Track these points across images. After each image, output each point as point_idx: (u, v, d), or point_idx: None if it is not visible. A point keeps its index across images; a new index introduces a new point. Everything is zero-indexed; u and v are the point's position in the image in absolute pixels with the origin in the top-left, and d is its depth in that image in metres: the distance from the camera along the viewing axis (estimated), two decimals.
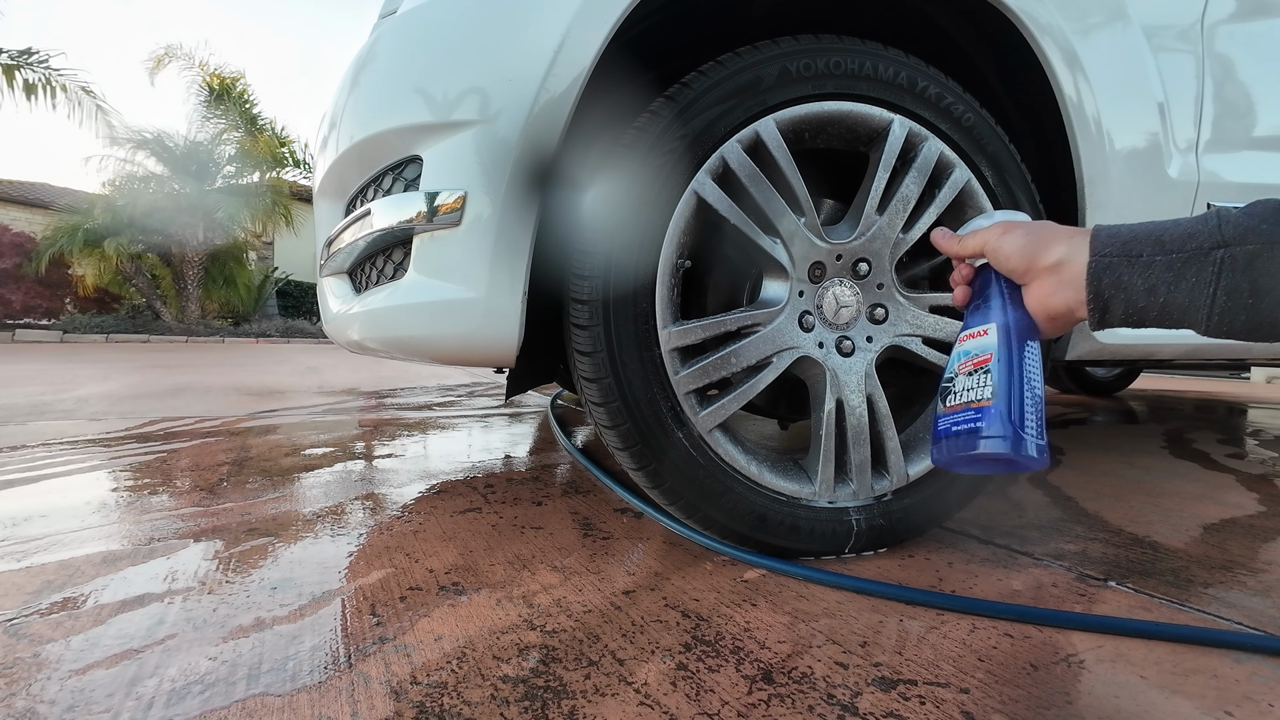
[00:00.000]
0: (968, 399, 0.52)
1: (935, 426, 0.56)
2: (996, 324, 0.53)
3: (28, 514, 0.99)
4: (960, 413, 0.53)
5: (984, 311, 0.55)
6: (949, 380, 0.55)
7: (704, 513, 0.80)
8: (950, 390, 0.55)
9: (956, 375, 0.54)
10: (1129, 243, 0.47)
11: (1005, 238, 0.54)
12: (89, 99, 8.90)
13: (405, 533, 0.92)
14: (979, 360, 0.53)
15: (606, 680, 0.55)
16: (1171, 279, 0.45)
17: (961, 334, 0.56)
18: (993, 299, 0.55)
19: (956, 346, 0.56)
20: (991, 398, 0.51)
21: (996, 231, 0.55)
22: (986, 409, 0.51)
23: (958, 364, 0.55)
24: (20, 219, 11.27)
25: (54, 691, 0.52)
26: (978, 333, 0.54)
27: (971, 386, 0.52)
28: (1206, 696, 0.54)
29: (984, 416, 0.51)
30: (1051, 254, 0.51)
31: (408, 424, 1.94)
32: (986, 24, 0.89)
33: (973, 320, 0.56)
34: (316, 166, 1.05)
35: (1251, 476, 1.43)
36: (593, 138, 0.83)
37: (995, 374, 0.51)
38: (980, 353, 0.53)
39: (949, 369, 0.56)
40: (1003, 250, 0.54)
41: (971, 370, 0.53)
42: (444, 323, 0.77)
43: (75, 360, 4.62)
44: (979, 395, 0.52)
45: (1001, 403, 0.50)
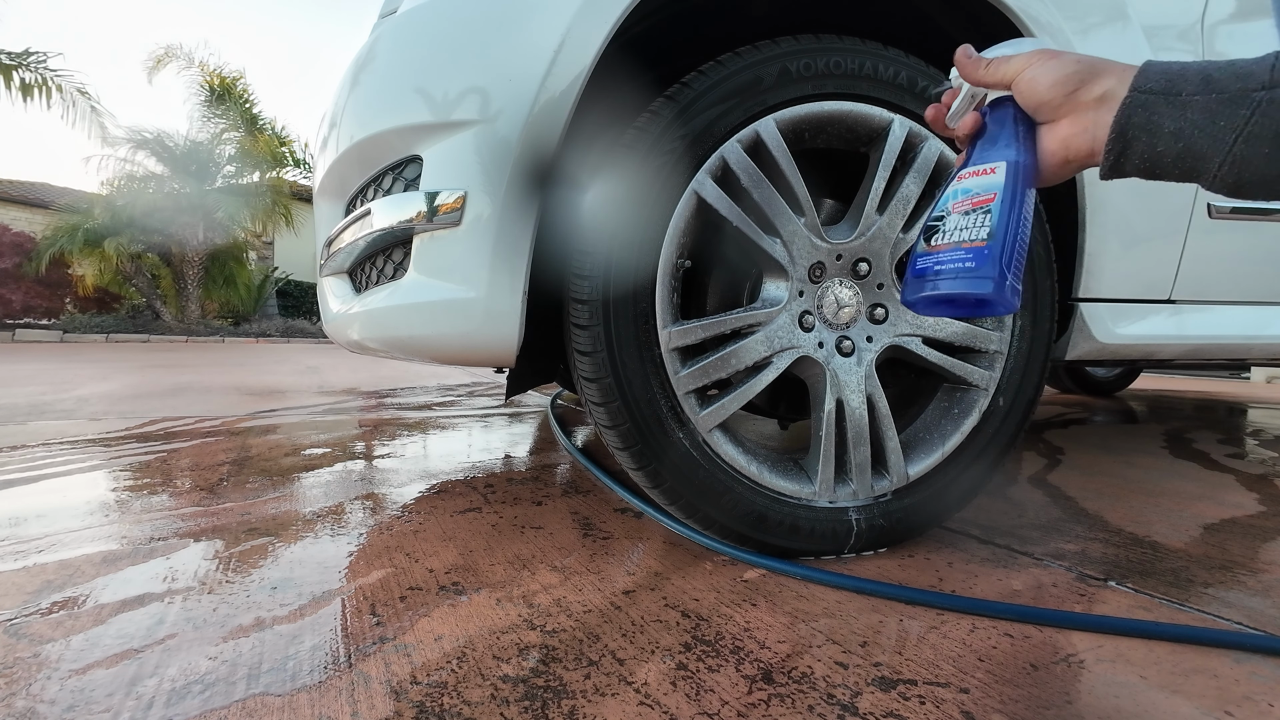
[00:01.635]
0: (959, 238, 0.50)
1: (913, 265, 0.53)
2: (1007, 162, 0.50)
3: (28, 514, 0.99)
4: (948, 251, 0.50)
5: (994, 147, 0.51)
6: (938, 219, 0.52)
7: (704, 512, 0.80)
8: (939, 229, 0.52)
9: (949, 213, 0.51)
10: (1175, 79, 0.44)
11: (1050, 63, 0.48)
12: (84, 100, 8.90)
13: (405, 532, 0.92)
14: (979, 199, 0.50)
15: (606, 680, 0.55)
16: (1202, 121, 0.42)
17: (961, 170, 0.53)
18: (1006, 134, 0.51)
19: (954, 183, 0.53)
20: (988, 239, 0.48)
21: (1040, 57, 0.49)
22: (979, 249, 0.49)
23: (952, 202, 0.52)
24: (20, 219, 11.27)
25: (54, 691, 0.52)
26: (983, 170, 0.51)
27: (966, 226, 0.50)
28: (1206, 696, 0.54)
29: (975, 257, 0.49)
30: (1098, 86, 0.46)
31: (408, 424, 1.94)
32: (987, 23, 0.89)
33: (979, 156, 0.52)
34: (316, 166, 1.05)
35: (1251, 476, 1.43)
36: (593, 138, 0.83)
37: (996, 215, 0.49)
38: (982, 191, 0.50)
39: (940, 205, 0.53)
40: (1043, 79, 0.48)
41: (969, 209, 0.50)
42: (444, 323, 0.77)
43: (75, 360, 4.62)
44: (973, 235, 0.49)
45: (997, 244, 0.48)
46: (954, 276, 0.49)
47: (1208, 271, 1.03)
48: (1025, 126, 0.51)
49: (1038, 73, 0.49)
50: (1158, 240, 0.99)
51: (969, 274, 0.49)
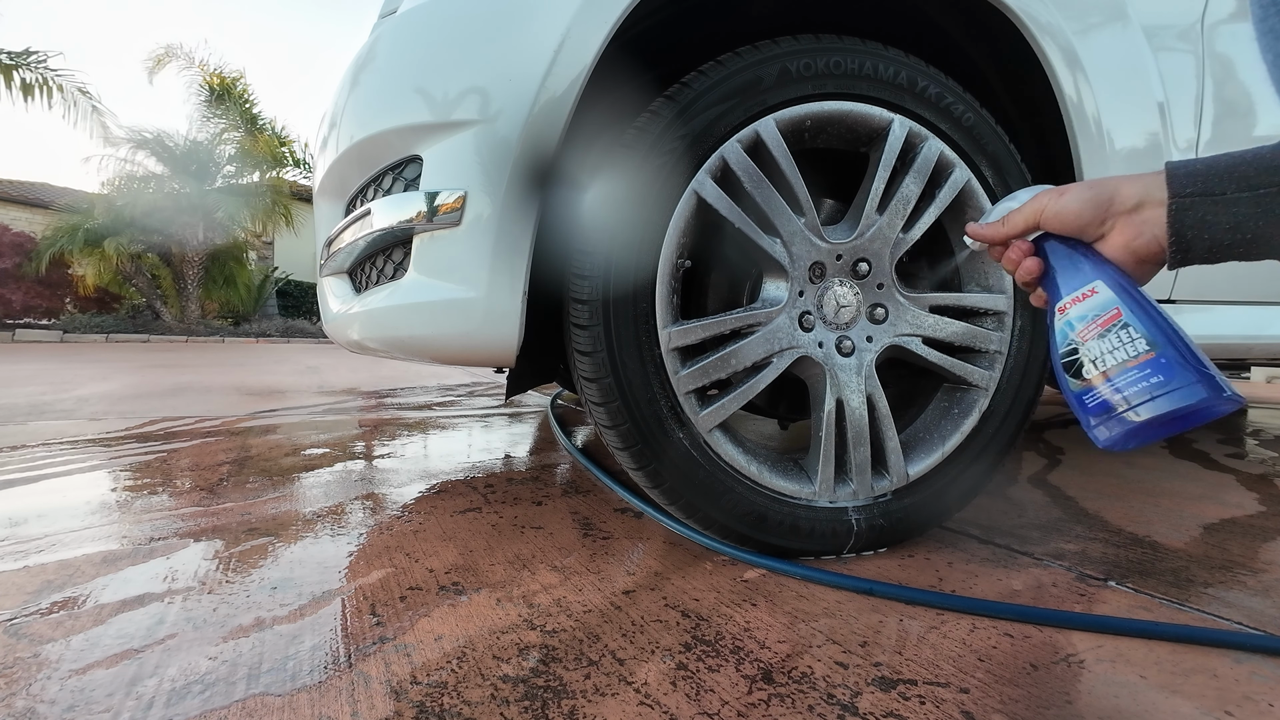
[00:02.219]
0: (1118, 360, 0.46)
1: (1083, 407, 0.49)
2: (1101, 280, 0.49)
3: (28, 514, 0.99)
4: (1121, 375, 0.46)
5: (1073, 274, 0.50)
6: (1071, 352, 0.49)
7: (704, 512, 0.80)
8: (1080, 361, 0.49)
9: (1082, 343, 0.48)
10: (1208, 180, 0.46)
11: (1065, 198, 0.51)
12: (85, 99, 8.90)
13: (405, 532, 0.92)
14: (1105, 320, 0.48)
15: (606, 680, 0.55)
16: (1258, 214, 0.44)
17: (1059, 304, 0.51)
18: (1076, 259, 0.51)
19: (1059, 318, 0.51)
20: (1151, 348, 0.45)
21: (1052, 196, 0.52)
22: (1154, 360, 0.45)
23: (1074, 332, 0.49)
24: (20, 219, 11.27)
25: (54, 691, 0.52)
26: (1082, 295, 0.49)
27: (1115, 347, 0.47)
28: (1206, 696, 0.54)
29: (1157, 369, 0.45)
30: (1127, 198, 0.49)
31: (408, 424, 1.94)
32: (987, 24, 0.89)
33: (1065, 286, 0.51)
34: (316, 166, 1.05)
35: (1251, 476, 1.43)
36: (593, 138, 0.83)
37: (1138, 324, 0.46)
38: (1101, 312, 0.48)
39: (1063, 340, 0.50)
40: (1069, 209, 0.51)
41: (1102, 332, 0.47)
42: (444, 322, 0.77)
43: (75, 360, 4.61)
44: (1133, 352, 0.46)
45: (1168, 349, 0.45)
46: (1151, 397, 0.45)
47: (1208, 271, 1.02)
48: (1084, 247, 0.51)
49: (1059, 206, 0.51)
50: None
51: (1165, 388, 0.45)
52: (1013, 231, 0.55)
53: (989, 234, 0.57)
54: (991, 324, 0.89)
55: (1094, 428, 0.50)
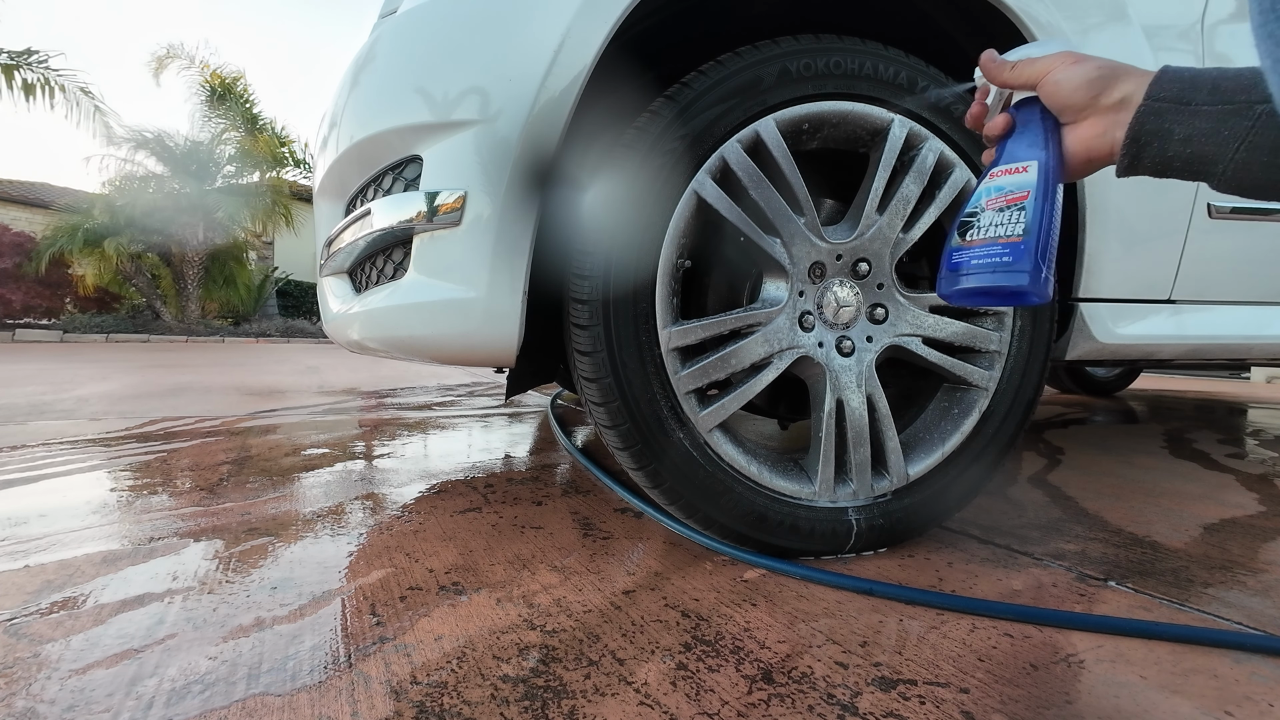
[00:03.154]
0: (995, 234, 0.52)
1: (948, 259, 0.56)
2: (1038, 161, 0.52)
3: (28, 514, 0.99)
4: (984, 246, 0.53)
5: (1024, 146, 0.54)
6: (971, 214, 0.55)
7: (704, 512, 0.80)
8: (973, 225, 0.55)
9: (983, 210, 0.54)
10: (1187, 87, 0.46)
11: (1074, 68, 0.51)
12: (87, 99, 8.90)
13: (405, 532, 0.92)
14: (1013, 196, 0.52)
15: (606, 680, 0.55)
16: (1209, 129, 0.44)
17: (993, 169, 0.55)
18: (1034, 134, 0.54)
19: (986, 181, 0.55)
20: (1023, 234, 0.51)
21: (1064, 60, 0.52)
22: (1016, 245, 0.51)
23: (986, 199, 0.54)
24: (20, 219, 11.27)
25: (54, 691, 0.52)
26: (1015, 169, 0.53)
27: (1001, 222, 0.52)
28: (1206, 696, 0.54)
29: (1011, 251, 0.51)
30: (1117, 91, 0.49)
31: (408, 424, 1.94)
32: (987, 24, 0.89)
33: (1010, 154, 0.54)
34: (316, 166, 1.05)
35: (1251, 476, 1.43)
36: (593, 138, 0.83)
37: (1030, 211, 0.51)
38: (1015, 189, 0.53)
39: (973, 203, 0.56)
40: (1069, 82, 0.51)
41: (1003, 206, 0.53)
42: (444, 322, 0.77)
43: (75, 360, 4.61)
44: (1009, 231, 0.52)
45: (1032, 239, 0.51)
46: (991, 270, 0.52)
47: (1208, 271, 1.03)
48: (1052, 125, 0.53)
49: (1062, 76, 0.51)
50: (1158, 240, 0.99)
51: (1005, 267, 0.51)
52: (1014, 81, 0.55)
53: (993, 71, 0.56)
54: (991, 324, 0.89)
55: (944, 277, 0.56)
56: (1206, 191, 0.99)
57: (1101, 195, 0.91)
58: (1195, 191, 0.99)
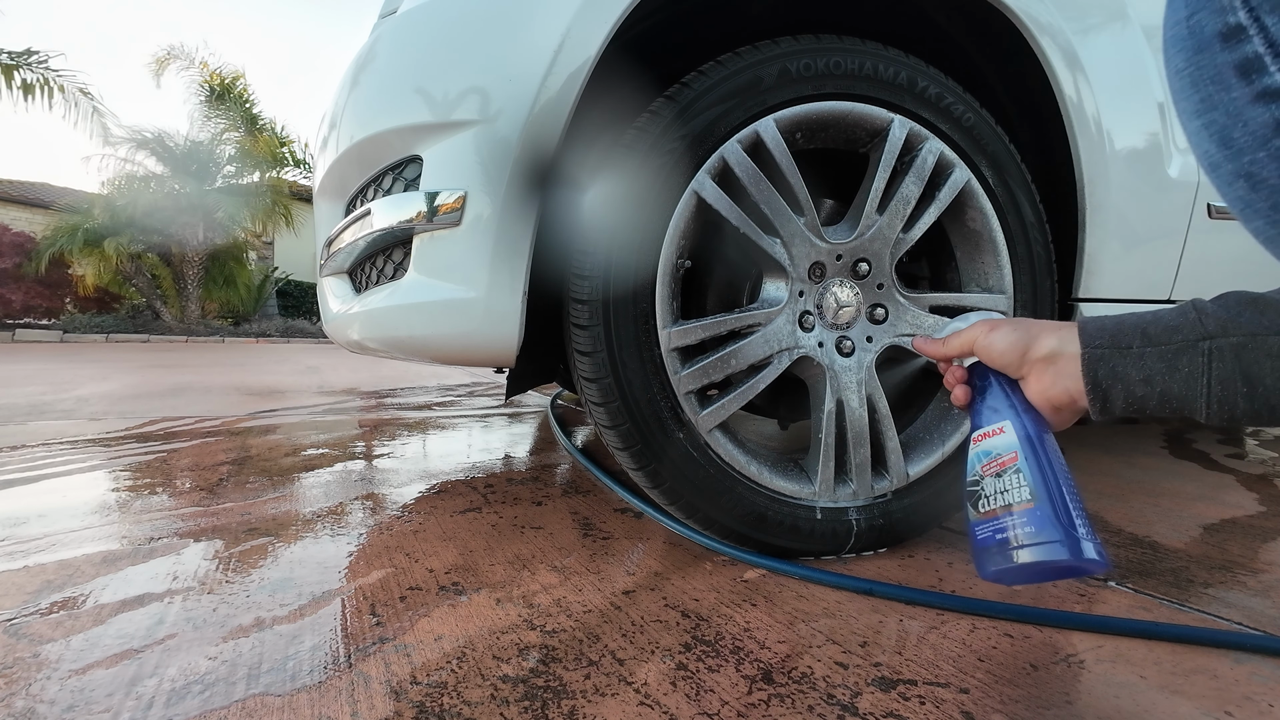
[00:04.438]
0: (1005, 502, 0.50)
1: (974, 536, 0.53)
2: (1010, 421, 0.52)
3: (28, 514, 0.99)
4: (1000, 518, 0.50)
5: (992, 409, 0.54)
6: (975, 483, 0.53)
7: (704, 513, 0.80)
8: (980, 494, 0.52)
9: (983, 478, 0.52)
10: (1117, 334, 0.48)
11: (994, 334, 0.54)
12: (86, 100, 8.89)
13: (405, 532, 0.92)
14: (1004, 460, 0.51)
15: (606, 680, 0.55)
16: (1165, 369, 0.45)
17: (975, 434, 0.54)
18: (997, 395, 0.54)
19: (973, 447, 0.54)
20: (1032, 499, 0.48)
21: (983, 329, 0.55)
22: (1030, 511, 0.48)
23: (980, 465, 0.52)
24: (20, 219, 11.26)
25: (54, 691, 0.52)
26: (992, 431, 0.52)
27: (1005, 489, 0.50)
28: (1206, 696, 0.54)
29: (1030, 520, 0.48)
30: (1042, 346, 0.51)
31: (408, 424, 1.94)
32: (987, 24, 0.89)
33: (982, 419, 0.54)
34: (316, 166, 1.05)
35: (1251, 476, 1.43)
36: (593, 138, 0.83)
37: (1027, 472, 0.49)
38: (1003, 452, 0.51)
39: (971, 470, 0.54)
40: (994, 347, 0.53)
41: (999, 472, 0.51)
42: (444, 323, 0.77)
43: (75, 360, 4.61)
44: (1017, 498, 0.49)
45: (1045, 504, 0.48)
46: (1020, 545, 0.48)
47: (1208, 272, 1.03)
48: (1010, 383, 0.54)
49: (986, 343, 0.54)
50: (1158, 240, 0.99)
51: (1034, 540, 0.47)
52: (950, 353, 0.58)
53: (929, 350, 0.60)
54: None
55: (977, 557, 0.53)
56: (1206, 191, 0.99)
57: (1102, 195, 0.91)
58: (1195, 192, 0.99)
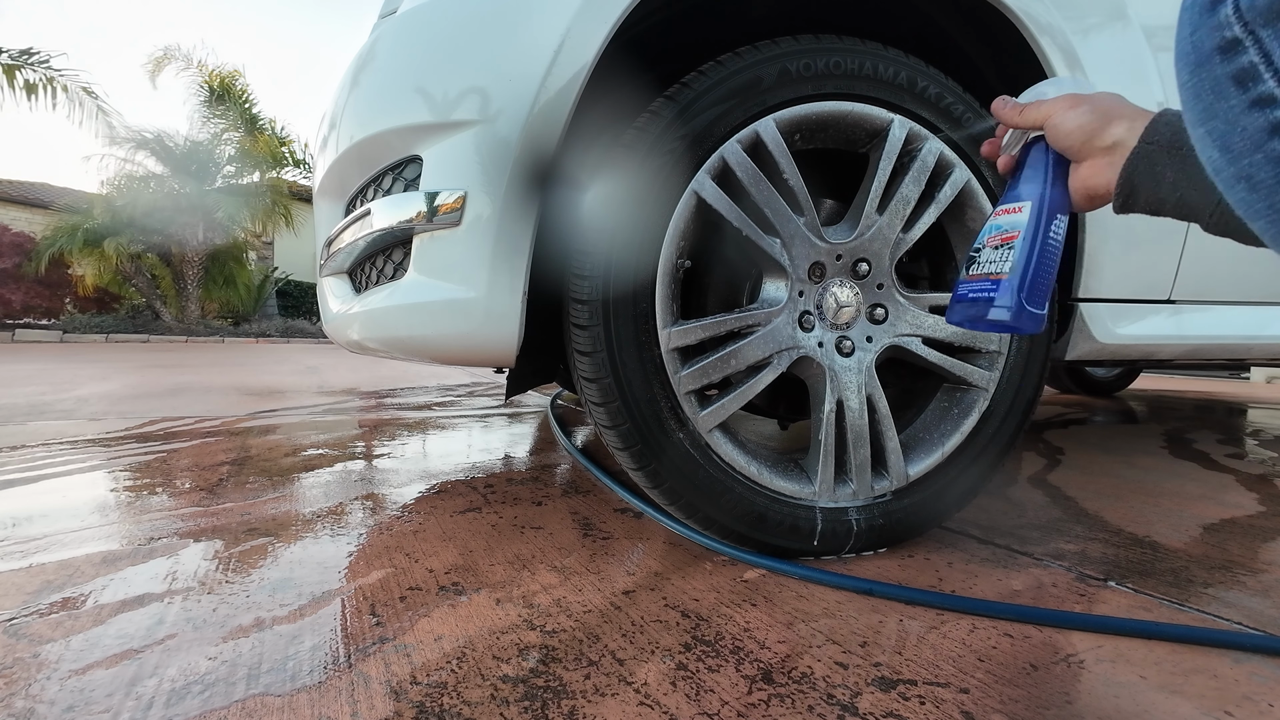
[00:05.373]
0: (988, 270, 0.56)
1: (955, 289, 0.60)
2: (1031, 201, 0.55)
3: (28, 514, 0.99)
4: (979, 282, 0.57)
5: (1024, 185, 0.56)
6: (976, 250, 0.59)
7: (704, 512, 0.80)
8: (975, 260, 0.58)
9: (984, 247, 0.58)
10: (1180, 133, 0.47)
11: (1070, 113, 0.53)
12: (90, 100, 8.90)
13: (405, 533, 0.92)
14: (1007, 235, 0.56)
15: (606, 680, 0.55)
16: (1196, 176, 0.45)
17: (999, 206, 0.58)
18: (1034, 174, 0.56)
19: (991, 218, 0.58)
20: (1009, 272, 0.54)
21: (1063, 105, 0.54)
22: (1001, 282, 0.55)
23: (987, 236, 0.58)
24: (20, 219, 11.26)
25: (54, 691, 0.52)
26: (1012, 209, 0.56)
27: (994, 260, 0.56)
28: (1206, 696, 0.54)
29: (997, 288, 0.55)
30: (1109, 134, 0.51)
31: (407, 424, 1.94)
32: (987, 24, 0.89)
33: (1011, 194, 0.57)
34: (316, 166, 1.05)
35: (1251, 476, 1.43)
36: (593, 138, 0.83)
37: (1016, 250, 0.54)
38: (1010, 228, 0.56)
39: (979, 239, 0.59)
40: (1064, 126, 0.53)
41: (999, 245, 0.56)
42: (444, 323, 0.77)
43: (75, 360, 4.61)
44: (998, 268, 0.55)
45: (1015, 277, 0.54)
46: (979, 303, 0.56)
47: (1208, 271, 1.03)
48: (1058, 162, 0.56)
49: (1060, 120, 0.54)
50: (1157, 240, 0.99)
51: (990, 302, 0.55)
52: (1023, 123, 0.57)
53: (1005, 115, 0.59)
54: None
55: (951, 307, 0.60)
56: None
57: None
58: None
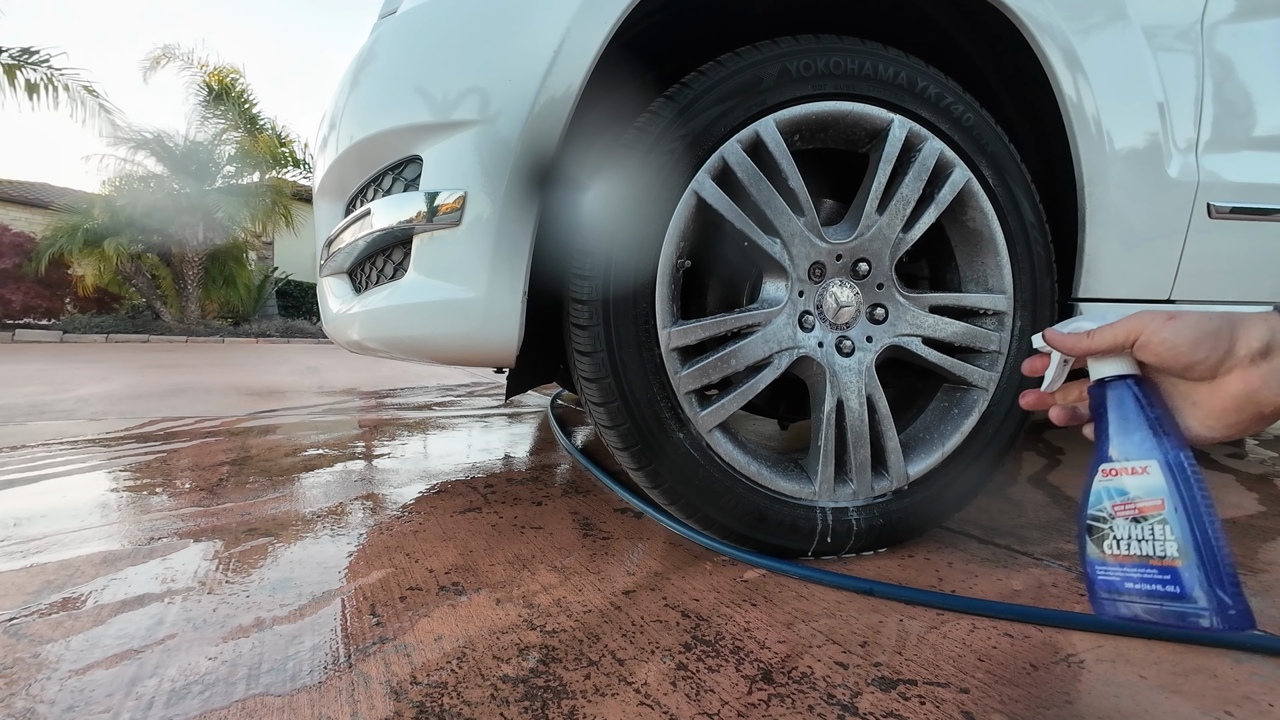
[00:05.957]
0: (1143, 551, 0.45)
1: (1094, 573, 0.48)
2: (1159, 459, 0.44)
3: (28, 514, 0.99)
4: (1136, 567, 0.45)
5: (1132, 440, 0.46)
6: (1100, 519, 0.47)
7: (704, 512, 0.80)
8: (1107, 534, 0.46)
9: (1113, 516, 0.46)
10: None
11: (1177, 324, 0.45)
12: (91, 98, 8.91)
13: (405, 532, 0.92)
14: (1145, 506, 0.45)
15: (606, 680, 0.55)
16: None
17: (1105, 463, 0.47)
18: (1138, 420, 0.46)
19: (1100, 479, 0.47)
20: (1179, 556, 0.43)
21: (1156, 320, 0.46)
22: (1177, 571, 0.43)
23: (1111, 503, 0.46)
24: (20, 219, 11.26)
25: (54, 691, 0.52)
26: (1132, 469, 0.45)
27: (1144, 537, 0.45)
28: (1206, 696, 0.54)
29: (1176, 581, 0.43)
30: (1253, 339, 0.43)
31: (407, 424, 1.94)
32: (987, 24, 0.89)
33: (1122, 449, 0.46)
34: (316, 166, 1.05)
35: (1251, 476, 1.43)
36: (593, 138, 0.83)
37: (1177, 525, 0.43)
38: (1144, 495, 0.45)
39: (1094, 502, 0.48)
40: (1181, 341, 0.44)
41: (1137, 516, 0.45)
42: (444, 323, 0.77)
43: (75, 360, 4.61)
44: (1160, 551, 0.44)
45: (1195, 565, 0.43)
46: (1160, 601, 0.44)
47: (1208, 271, 1.03)
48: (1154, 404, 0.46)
49: (1171, 335, 0.45)
50: (1157, 240, 0.98)
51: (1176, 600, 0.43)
52: (1098, 347, 0.49)
53: (1070, 345, 0.50)
54: (991, 324, 0.89)
55: (1098, 598, 0.48)
56: (1206, 191, 0.99)
57: (1102, 195, 0.91)
58: (1195, 192, 0.99)
